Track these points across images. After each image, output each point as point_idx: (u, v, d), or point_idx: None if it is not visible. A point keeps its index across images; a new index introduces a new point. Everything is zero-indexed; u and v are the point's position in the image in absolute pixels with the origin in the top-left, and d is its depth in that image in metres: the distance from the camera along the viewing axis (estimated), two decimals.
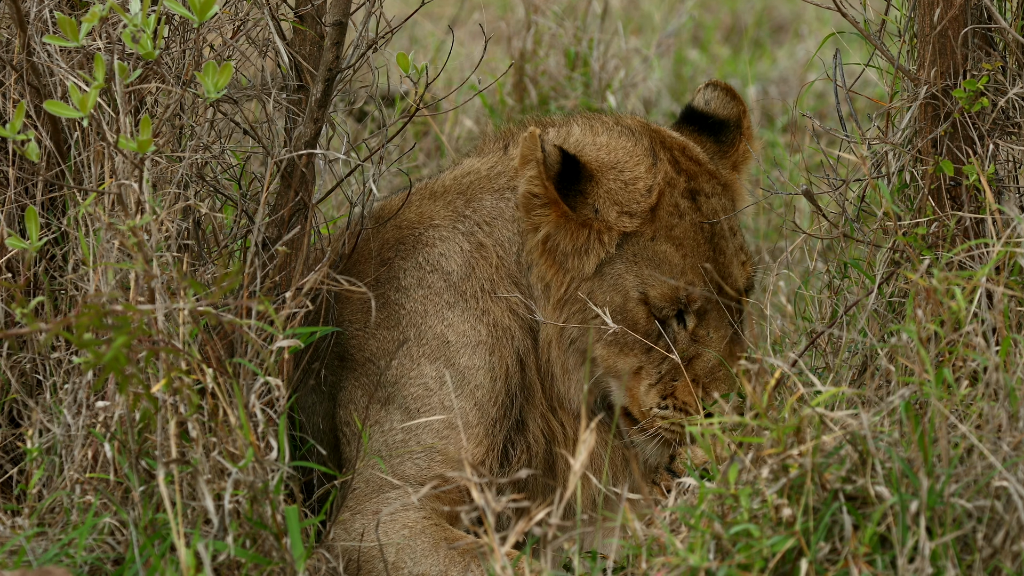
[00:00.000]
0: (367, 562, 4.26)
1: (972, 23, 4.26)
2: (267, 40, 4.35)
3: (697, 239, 4.38)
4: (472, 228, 4.48)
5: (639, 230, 4.35)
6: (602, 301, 4.35)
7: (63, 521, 3.93)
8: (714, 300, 4.36)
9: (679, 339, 4.36)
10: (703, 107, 4.66)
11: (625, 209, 4.36)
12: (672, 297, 4.33)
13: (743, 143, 4.62)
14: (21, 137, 3.90)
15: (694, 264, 4.35)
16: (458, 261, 4.45)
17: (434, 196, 4.58)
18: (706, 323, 4.37)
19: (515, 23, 7.35)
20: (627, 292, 4.34)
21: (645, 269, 4.35)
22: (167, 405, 3.76)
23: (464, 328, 4.41)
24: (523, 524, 3.63)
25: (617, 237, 4.35)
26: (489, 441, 4.37)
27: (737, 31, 9.44)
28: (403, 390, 4.39)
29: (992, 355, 3.76)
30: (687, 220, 4.38)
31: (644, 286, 4.33)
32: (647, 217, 4.36)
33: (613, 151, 4.43)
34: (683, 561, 3.59)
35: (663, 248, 4.36)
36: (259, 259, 4.18)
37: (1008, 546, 3.56)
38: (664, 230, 4.36)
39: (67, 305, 4.17)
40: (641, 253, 4.35)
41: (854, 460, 3.62)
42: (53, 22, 4.17)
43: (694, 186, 4.43)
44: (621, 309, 4.35)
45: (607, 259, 4.36)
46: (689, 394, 4.33)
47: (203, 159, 4.25)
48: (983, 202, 4.23)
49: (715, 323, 4.38)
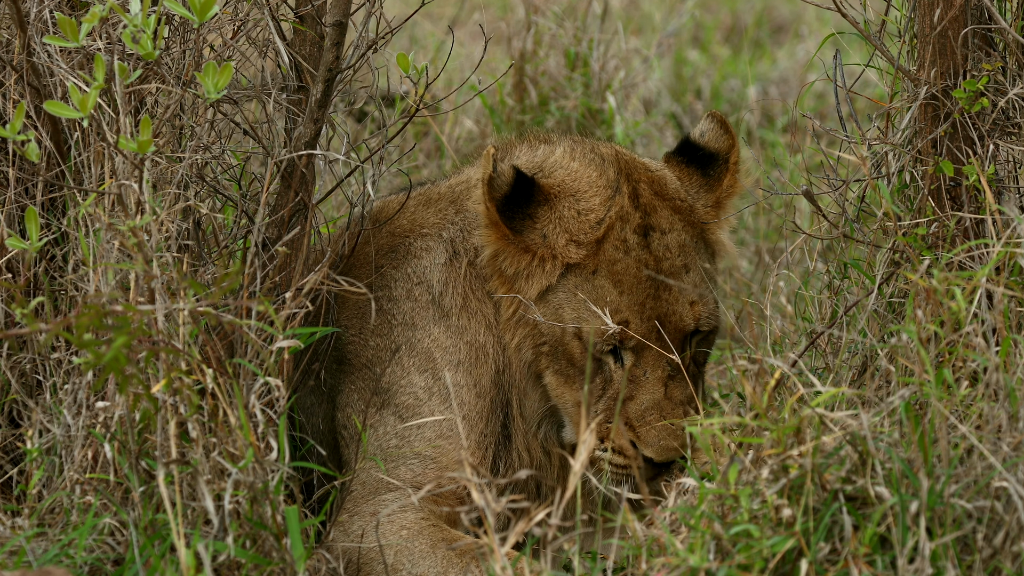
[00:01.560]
0: (367, 563, 4.27)
1: (972, 23, 4.26)
2: (267, 40, 4.35)
3: (639, 276, 4.30)
4: (453, 235, 4.49)
5: (582, 262, 4.30)
6: (546, 328, 4.32)
7: (63, 521, 3.93)
8: (652, 340, 4.27)
9: (614, 377, 4.30)
10: (697, 139, 4.59)
11: (573, 238, 4.31)
12: (603, 333, 4.25)
13: (728, 178, 4.54)
14: (21, 137, 3.90)
15: (632, 302, 4.28)
16: (437, 275, 4.46)
17: (428, 203, 4.59)
18: (643, 361, 4.28)
19: (515, 23, 7.35)
20: (564, 324, 4.31)
21: (582, 303, 4.29)
22: (167, 405, 3.76)
23: (447, 345, 4.42)
24: (523, 524, 3.63)
25: (560, 267, 4.31)
26: (481, 453, 4.38)
27: (737, 31, 9.44)
28: (395, 398, 4.41)
29: (992, 355, 3.76)
30: (632, 256, 4.31)
31: (579, 320, 4.28)
32: (592, 249, 4.31)
33: (578, 179, 4.38)
34: (683, 562, 3.59)
35: (602, 283, 4.29)
36: (259, 259, 4.18)
37: (1008, 546, 3.56)
38: (606, 264, 4.30)
39: (67, 305, 4.17)
40: (582, 286, 4.29)
41: (854, 460, 3.62)
42: (53, 22, 4.17)
43: (650, 222, 4.36)
44: (559, 341, 4.31)
45: (550, 287, 4.32)
46: (622, 438, 4.26)
47: (203, 159, 4.26)
48: (983, 202, 4.23)
49: (652, 363, 4.28)
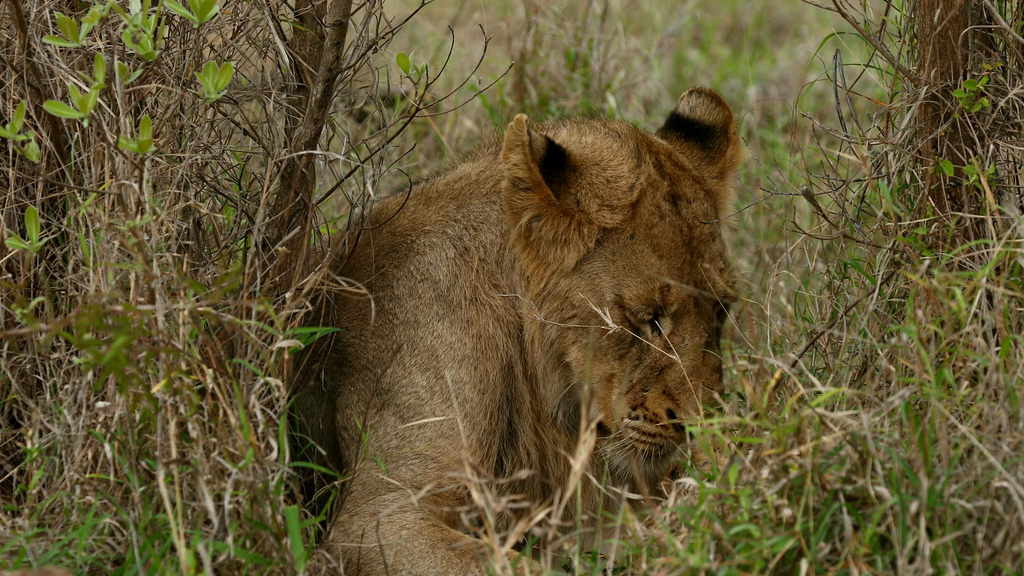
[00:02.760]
0: (367, 563, 4.26)
1: (972, 23, 4.26)
2: (267, 40, 4.35)
3: (676, 241, 4.35)
4: (460, 232, 4.49)
5: (619, 227, 4.34)
6: (579, 300, 4.34)
7: (63, 521, 3.93)
8: (691, 306, 4.32)
9: (653, 346, 4.33)
10: (688, 114, 4.65)
11: (606, 203, 4.35)
12: (647, 299, 4.30)
13: (730, 149, 4.60)
14: (21, 137, 3.90)
15: (671, 267, 4.33)
16: (444, 270, 4.46)
17: (428, 201, 4.59)
18: (681, 328, 4.33)
19: (515, 23, 7.35)
20: (602, 293, 4.33)
21: (622, 269, 4.33)
22: (167, 405, 3.76)
23: (451, 340, 4.41)
24: (523, 524, 3.63)
25: (597, 232, 4.34)
26: (483, 451, 4.38)
27: (737, 31, 9.44)
28: (396, 397, 4.41)
29: (992, 355, 3.75)
30: (667, 222, 4.36)
31: (619, 287, 4.32)
32: (628, 214, 4.35)
33: (598, 150, 4.43)
34: (683, 562, 3.59)
35: (641, 248, 4.34)
36: (259, 259, 4.18)
37: (1008, 546, 3.56)
38: (643, 229, 4.35)
39: (67, 305, 4.17)
40: (619, 252, 4.33)
41: (854, 460, 3.62)
42: (53, 22, 4.17)
43: (676, 190, 4.41)
44: (593, 313, 4.32)
45: (587, 255, 4.35)
46: (659, 406, 4.30)
47: (203, 159, 4.25)
48: (983, 202, 4.23)
49: (691, 329, 4.33)
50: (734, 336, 5.82)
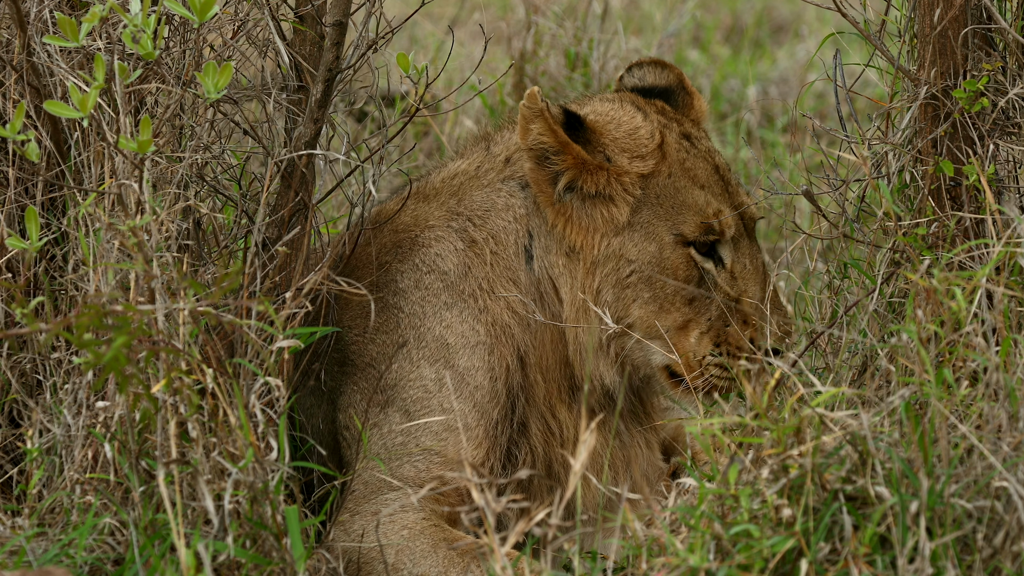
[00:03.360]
0: (367, 563, 4.26)
1: (972, 23, 4.26)
2: (267, 40, 4.35)
3: (708, 171, 4.45)
4: (464, 224, 4.49)
5: (654, 171, 4.40)
6: (636, 254, 4.37)
7: (63, 521, 3.93)
8: (742, 230, 4.42)
9: (720, 280, 4.40)
10: (640, 83, 4.76)
11: (635, 153, 4.40)
12: (707, 227, 4.37)
13: (696, 100, 4.71)
14: (21, 137, 3.90)
15: (714, 194, 4.42)
16: (454, 260, 4.45)
17: (427, 199, 4.58)
18: (741, 254, 4.42)
19: (515, 23, 7.35)
20: (662, 238, 4.38)
21: (672, 208, 4.39)
22: (167, 405, 3.76)
23: (463, 329, 4.40)
24: (523, 524, 3.62)
25: (637, 180, 4.38)
26: (489, 443, 4.36)
27: (737, 31, 9.44)
28: (402, 392, 4.39)
29: (992, 355, 3.75)
30: (693, 155, 4.45)
31: (677, 225, 4.37)
32: (658, 157, 4.41)
33: (604, 113, 4.50)
34: (683, 562, 3.59)
35: (682, 184, 4.40)
36: (259, 259, 4.17)
37: (1008, 546, 3.56)
38: (677, 166, 4.42)
39: (67, 305, 4.17)
40: (664, 193, 4.39)
41: (854, 460, 3.62)
42: (53, 22, 4.17)
43: (685, 131, 4.51)
44: (657, 259, 4.37)
45: (635, 206, 4.38)
46: (742, 337, 4.37)
47: (203, 159, 4.26)
48: (983, 202, 4.23)
49: (749, 252, 4.43)
50: None
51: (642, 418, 4.57)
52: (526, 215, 4.45)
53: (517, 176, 4.48)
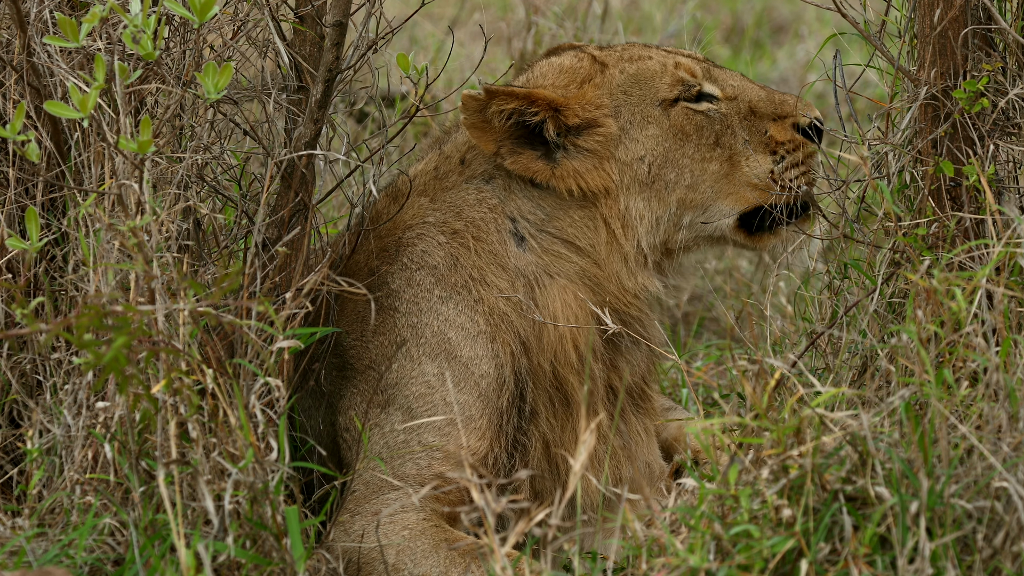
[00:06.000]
0: (367, 563, 4.26)
1: (972, 24, 4.26)
2: (267, 41, 4.35)
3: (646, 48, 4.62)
4: (442, 218, 4.50)
5: (604, 77, 4.51)
6: (643, 147, 4.45)
7: (63, 522, 3.93)
8: (705, 66, 4.56)
9: (724, 110, 4.50)
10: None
11: (578, 78, 4.52)
12: (679, 78, 4.50)
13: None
14: (21, 138, 3.90)
15: (664, 54, 4.57)
16: (440, 254, 4.46)
17: (395, 201, 4.59)
18: (722, 79, 4.56)
19: (515, 24, 7.35)
20: (652, 115, 4.50)
21: (641, 87, 4.51)
22: (167, 406, 3.76)
23: (461, 320, 4.40)
24: (523, 525, 3.63)
25: (597, 93, 4.47)
26: (494, 433, 4.34)
27: (737, 31, 9.44)
28: (404, 390, 4.38)
29: (992, 356, 3.76)
30: (627, 48, 4.60)
31: (656, 95, 4.49)
32: (598, 67, 4.53)
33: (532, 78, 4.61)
34: (683, 562, 3.59)
35: (633, 67, 4.53)
36: (259, 260, 4.18)
37: (1008, 547, 3.56)
38: (620, 61, 4.54)
39: (67, 306, 4.18)
40: (625, 83, 4.53)
41: (854, 461, 3.62)
42: (53, 22, 4.17)
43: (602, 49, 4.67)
44: (663, 134, 4.47)
45: (614, 113, 4.46)
46: (786, 131, 4.49)
47: (203, 160, 4.26)
48: (983, 203, 4.23)
49: (726, 74, 4.56)
50: (734, 336, 5.82)
51: (640, 404, 4.57)
52: (500, 204, 4.46)
53: (478, 174, 4.49)
